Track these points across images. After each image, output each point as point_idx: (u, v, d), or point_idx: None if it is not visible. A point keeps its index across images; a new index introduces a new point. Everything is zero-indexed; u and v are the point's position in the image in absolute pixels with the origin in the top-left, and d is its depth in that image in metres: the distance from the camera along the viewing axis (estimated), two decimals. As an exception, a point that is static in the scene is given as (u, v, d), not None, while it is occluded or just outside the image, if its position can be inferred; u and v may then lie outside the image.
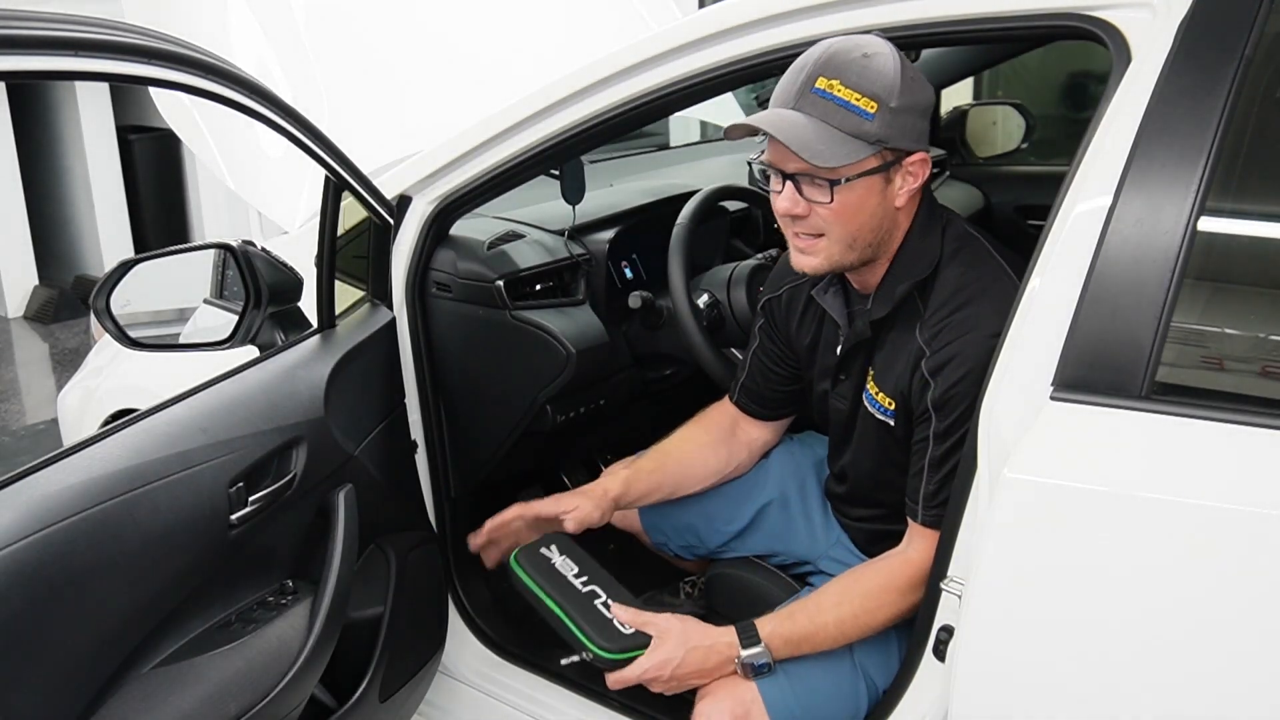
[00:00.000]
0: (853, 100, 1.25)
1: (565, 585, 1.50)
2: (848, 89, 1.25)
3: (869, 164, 1.28)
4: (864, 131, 1.26)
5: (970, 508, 1.14)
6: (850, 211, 1.31)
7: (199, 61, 1.22)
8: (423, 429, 1.76)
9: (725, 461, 1.69)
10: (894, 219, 1.36)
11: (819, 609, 1.40)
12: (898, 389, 1.39)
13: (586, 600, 1.47)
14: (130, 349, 1.54)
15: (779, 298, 1.61)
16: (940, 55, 2.70)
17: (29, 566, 1.03)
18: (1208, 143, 1.02)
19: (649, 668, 1.39)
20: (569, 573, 1.51)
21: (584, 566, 1.53)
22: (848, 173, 1.28)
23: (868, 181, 1.30)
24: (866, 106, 1.25)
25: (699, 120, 3.24)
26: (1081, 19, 1.16)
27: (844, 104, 1.25)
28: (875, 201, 1.32)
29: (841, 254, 1.35)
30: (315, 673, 1.34)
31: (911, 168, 1.32)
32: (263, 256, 1.55)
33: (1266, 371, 1.10)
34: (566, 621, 1.45)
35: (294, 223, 2.16)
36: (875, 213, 1.33)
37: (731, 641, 1.39)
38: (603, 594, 1.48)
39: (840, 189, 1.29)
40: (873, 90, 1.25)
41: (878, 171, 1.30)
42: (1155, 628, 0.99)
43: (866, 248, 1.36)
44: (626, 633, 1.43)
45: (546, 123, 1.55)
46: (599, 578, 1.51)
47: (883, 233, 1.36)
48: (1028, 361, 1.08)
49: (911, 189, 1.33)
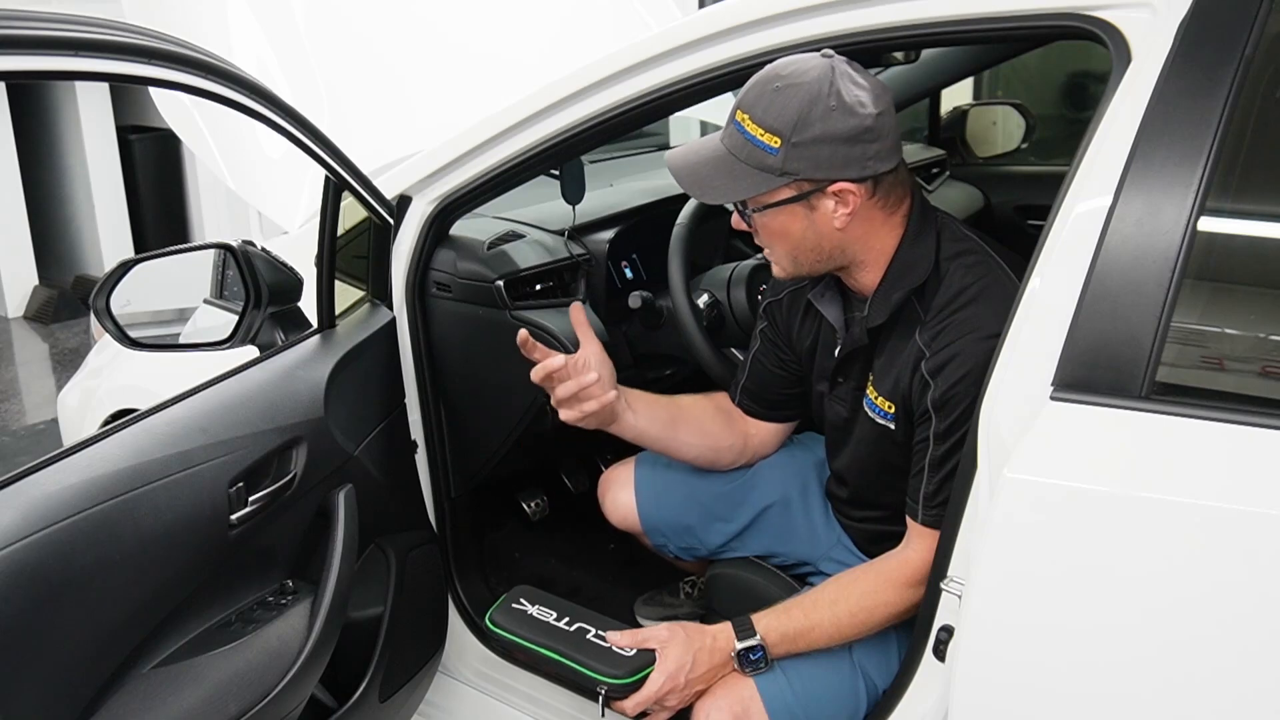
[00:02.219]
0: (758, 135, 1.29)
1: (552, 630, 1.47)
2: (754, 124, 1.29)
3: (779, 195, 1.31)
4: (767, 165, 1.29)
5: (970, 508, 1.14)
6: (778, 235, 1.36)
7: (199, 61, 1.22)
8: (423, 429, 1.76)
9: (721, 433, 1.67)
10: (842, 238, 1.35)
11: (815, 605, 1.40)
12: (897, 391, 1.39)
13: (579, 637, 1.45)
14: (130, 349, 1.54)
15: (780, 301, 1.61)
16: (940, 55, 2.69)
17: (29, 566, 1.04)
18: (1208, 143, 1.02)
19: (664, 680, 1.37)
20: (549, 619, 1.50)
21: (561, 609, 1.51)
22: (754, 204, 1.33)
23: (785, 210, 1.33)
24: (770, 141, 1.28)
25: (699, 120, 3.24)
26: (1081, 19, 1.16)
27: (751, 139, 1.30)
28: (802, 226, 1.34)
29: (792, 268, 1.41)
30: (315, 673, 1.34)
31: (839, 195, 1.31)
32: (263, 256, 1.55)
33: (1266, 371, 1.10)
34: (568, 663, 1.43)
35: (294, 223, 2.16)
36: (807, 236, 1.35)
37: (730, 636, 1.39)
38: (591, 628, 1.46)
39: (756, 216, 1.35)
40: (775, 126, 1.27)
41: (792, 201, 1.32)
42: (1155, 628, 0.99)
43: (816, 264, 1.39)
44: (629, 655, 1.41)
45: (546, 123, 1.55)
46: (579, 614, 1.50)
47: (831, 251, 1.37)
48: (1028, 361, 1.08)
49: (848, 213, 1.32)
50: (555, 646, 1.45)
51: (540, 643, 1.46)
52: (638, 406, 1.58)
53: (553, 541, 2.26)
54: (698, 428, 1.65)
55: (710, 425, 1.67)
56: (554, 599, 1.53)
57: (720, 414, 1.69)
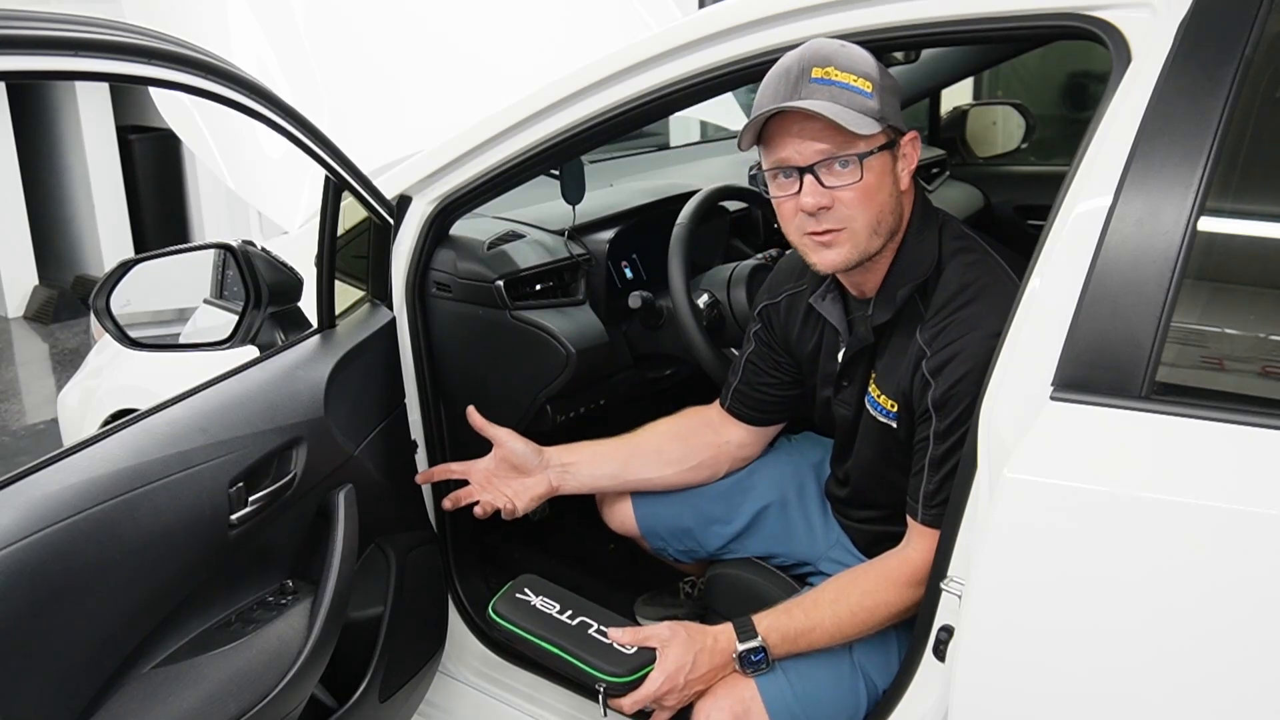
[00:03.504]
0: (852, 81, 1.28)
1: (554, 623, 1.46)
2: (843, 72, 1.28)
3: (881, 139, 1.31)
4: (869, 108, 1.28)
5: (970, 508, 1.14)
6: (873, 191, 1.32)
7: (199, 61, 1.22)
8: (423, 429, 1.76)
9: (683, 455, 1.67)
10: (901, 204, 1.37)
11: (815, 605, 1.40)
12: (899, 390, 1.39)
13: (580, 632, 1.44)
14: (130, 349, 1.54)
15: (777, 304, 1.60)
16: (940, 55, 2.70)
17: (29, 566, 1.03)
18: (1208, 143, 1.02)
19: (663, 679, 1.37)
20: (552, 610, 1.48)
21: (565, 601, 1.49)
22: (870, 145, 1.30)
23: (882, 158, 1.32)
24: (864, 86, 1.28)
25: (699, 120, 3.24)
26: (1081, 19, 1.16)
27: (846, 85, 1.28)
28: (890, 182, 1.34)
29: (867, 240, 1.34)
30: (315, 673, 1.34)
31: (906, 148, 1.35)
32: (263, 256, 1.55)
33: (1266, 371, 1.10)
34: (568, 658, 1.42)
35: (294, 223, 2.16)
36: (892, 193, 1.35)
37: (731, 637, 1.39)
38: (593, 622, 1.45)
39: (867, 163, 1.30)
40: (864, 71, 1.29)
41: (887, 148, 1.32)
42: (1155, 628, 0.99)
43: (888, 233, 1.36)
44: (630, 653, 1.40)
45: (546, 123, 1.55)
46: (583, 608, 1.48)
47: (896, 219, 1.37)
48: (1028, 361, 1.08)
49: (910, 169, 1.36)
50: (556, 641, 1.44)
51: (541, 635, 1.45)
52: (579, 467, 1.63)
53: (553, 541, 2.26)
54: (656, 459, 1.67)
55: (671, 451, 1.67)
56: (558, 590, 1.52)
57: (681, 436, 1.69)
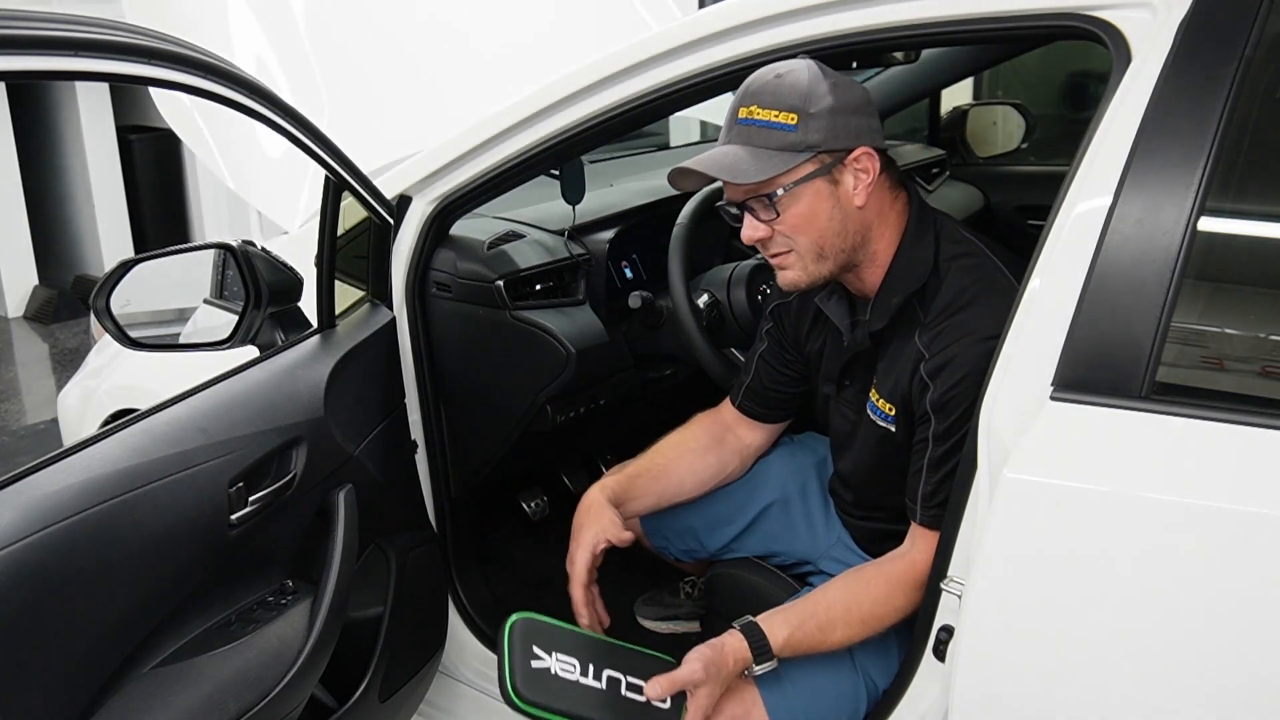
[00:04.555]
0: (771, 118, 1.31)
1: (585, 694, 1.35)
2: (765, 109, 1.31)
3: (803, 170, 1.32)
4: (789, 143, 1.30)
5: (970, 508, 1.14)
6: (804, 221, 1.35)
7: (199, 61, 1.22)
8: (423, 429, 1.76)
9: (717, 470, 1.68)
10: (862, 219, 1.37)
11: (829, 617, 1.37)
12: (898, 393, 1.39)
13: (614, 697, 1.35)
14: (130, 349, 1.54)
15: (789, 303, 1.61)
16: (940, 55, 2.70)
17: (30, 566, 1.03)
18: (1208, 143, 1.02)
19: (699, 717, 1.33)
20: (573, 674, 1.36)
21: (578, 655, 1.37)
22: (782, 183, 1.32)
23: (811, 187, 1.33)
24: (786, 120, 1.30)
25: (699, 120, 3.24)
26: (1081, 19, 1.16)
27: (764, 124, 1.31)
28: (828, 206, 1.34)
29: (816, 264, 1.38)
30: (315, 673, 1.34)
31: (858, 164, 1.34)
32: (263, 256, 1.55)
33: (1266, 371, 1.10)
34: None
35: (294, 223, 2.16)
36: (833, 216, 1.35)
37: (746, 658, 1.35)
38: (620, 676, 1.36)
39: (781, 200, 1.33)
40: (789, 104, 1.30)
41: (816, 175, 1.32)
42: (1155, 628, 0.99)
43: (840, 253, 1.38)
44: (666, 709, 1.34)
45: (546, 123, 1.55)
46: (600, 657, 1.38)
47: (853, 235, 1.37)
48: (1028, 362, 1.08)
49: (867, 184, 1.35)
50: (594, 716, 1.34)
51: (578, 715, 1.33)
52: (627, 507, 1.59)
53: (552, 541, 2.26)
54: (694, 481, 1.67)
55: (702, 472, 1.67)
56: (560, 633, 1.39)
57: (706, 449, 1.68)
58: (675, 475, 1.66)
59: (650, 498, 1.64)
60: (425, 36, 2.41)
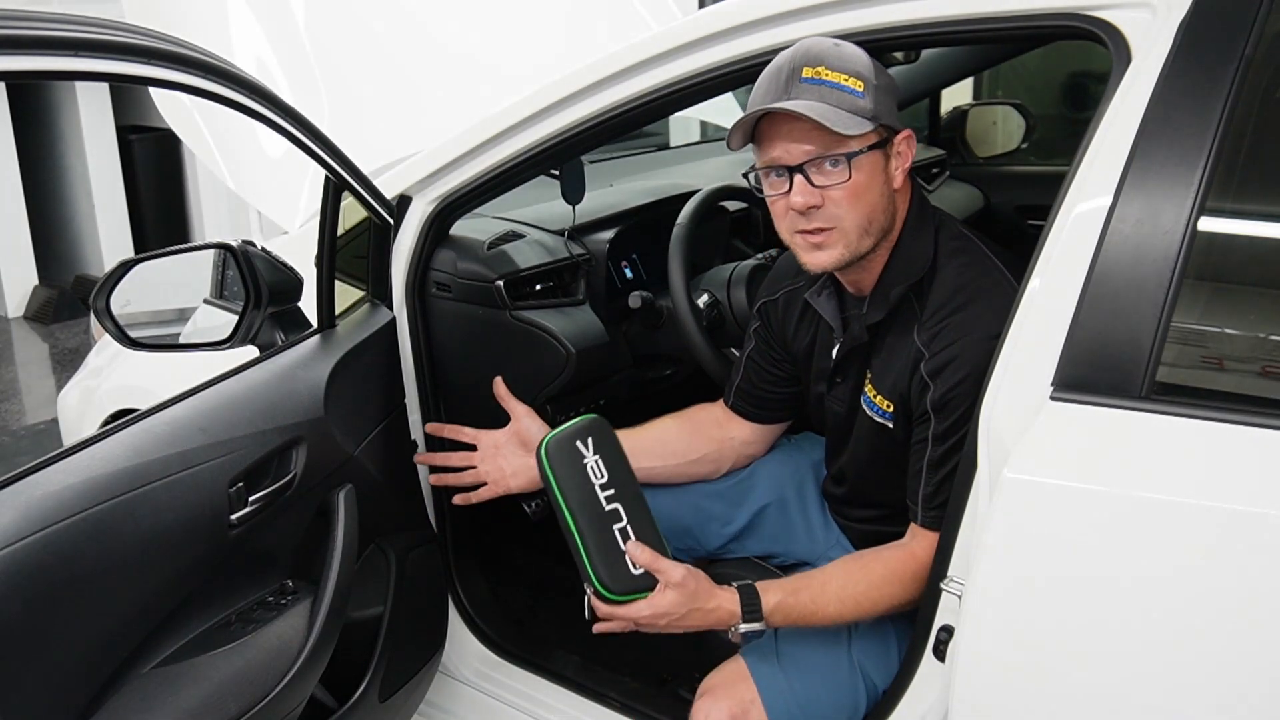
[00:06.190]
0: (842, 81, 1.28)
1: (589, 497, 1.38)
2: (834, 71, 1.28)
3: (871, 138, 1.31)
4: (860, 108, 1.28)
5: (970, 508, 1.14)
6: (863, 190, 1.32)
7: (199, 61, 1.22)
8: (422, 429, 1.76)
9: (686, 448, 1.67)
10: (894, 203, 1.37)
11: (823, 592, 1.37)
12: (896, 391, 1.39)
13: (605, 524, 1.38)
14: (130, 349, 1.54)
15: (775, 301, 1.61)
16: (940, 55, 2.70)
17: (30, 566, 1.04)
18: (1208, 143, 1.02)
19: (644, 611, 1.35)
20: (597, 480, 1.39)
21: (614, 473, 1.41)
22: (859, 144, 1.29)
23: (873, 157, 1.32)
24: (855, 85, 1.28)
25: (699, 120, 3.24)
26: (1081, 19, 1.16)
27: (836, 85, 1.28)
28: (881, 181, 1.34)
29: (858, 240, 1.34)
30: (315, 673, 1.34)
31: (900, 146, 1.35)
32: (263, 256, 1.55)
33: (1266, 371, 1.10)
34: (577, 541, 1.37)
35: (294, 223, 2.16)
36: (883, 192, 1.34)
37: (734, 611, 1.35)
38: (624, 517, 1.38)
39: (856, 162, 1.30)
40: (855, 70, 1.28)
41: (879, 147, 1.32)
42: (1155, 628, 0.99)
43: (880, 232, 1.36)
44: (635, 573, 1.36)
45: (546, 123, 1.55)
46: (625, 491, 1.40)
47: (887, 218, 1.36)
48: (1028, 362, 1.08)
49: (904, 168, 1.35)
50: (576, 518, 1.37)
51: (567, 502, 1.38)
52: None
53: (553, 541, 2.26)
54: (660, 449, 1.66)
55: (675, 444, 1.67)
56: (618, 456, 1.43)
57: (686, 430, 1.69)
58: (644, 439, 1.65)
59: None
60: (425, 37, 2.41)
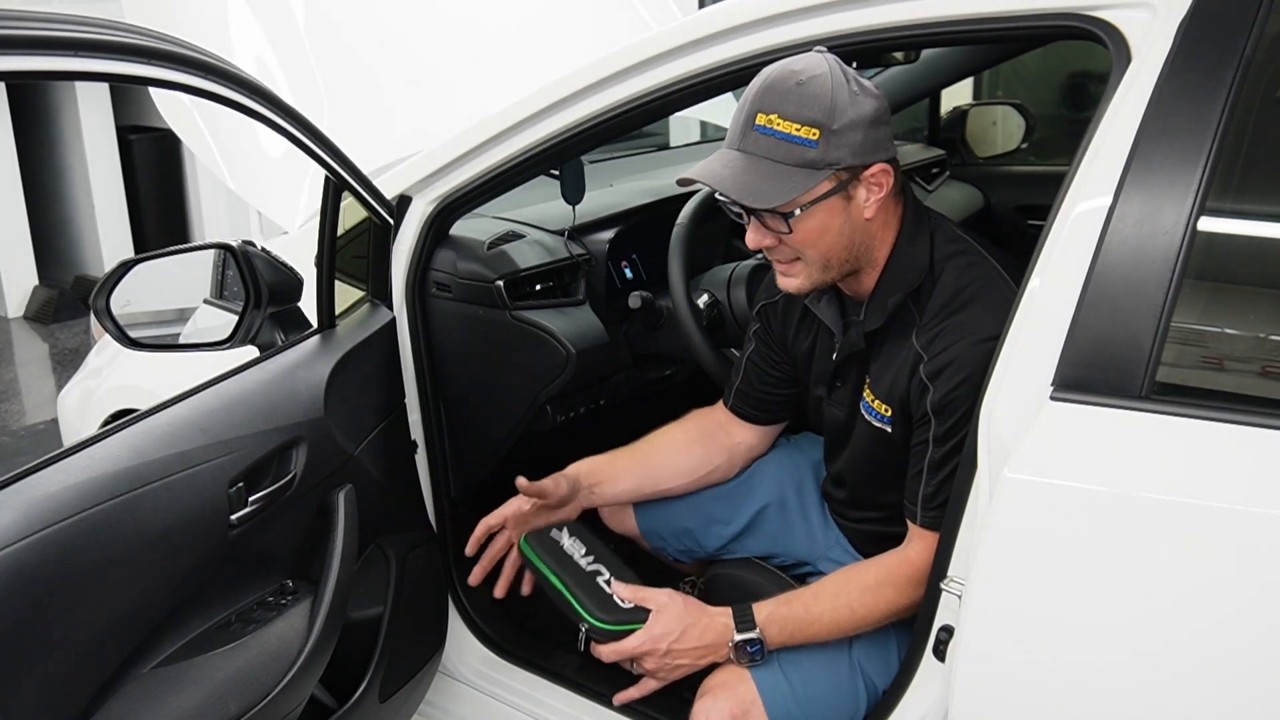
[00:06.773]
0: (793, 132, 1.25)
1: (569, 563, 1.52)
2: (787, 121, 1.25)
3: (820, 189, 1.28)
4: (809, 160, 1.25)
5: (970, 508, 1.14)
6: (814, 236, 1.32)
7: (199, 61, 1.22)
8: (423, 429, 1.76)
9: (701, 462, 1.68)
10: (868, 230, 1.35)
11: (816, 599, 1.40)
12: (895, 394, 1.39)
13: (589, 577, 1.49)
14: (130, 349, 1.54)
15: (775, 304, 1.61)
16: (940, 55, 2.70)
17: (29, 567, 1.03)
18: (1208, 143, 1.02)
19: (644, 640, 1.39)
20: (576, 554, 1.54)
21: (592, 549, 1.55)
22: (799, 203, 1.28)
23: (825, 205, 1.29)
24: (808, 135, 1.24)
25: (699, 120, 3.24)
26: (1081, 19, 1.16)
27: (785, 137, 1.25)
28: (839, 221, 1.32)
29: (820, 273, 1.37)
30: (315, 673, 1.34)
31: (873, 179, 1.31)
32: (263, 256, 1.55)
33: (1266, 371, 1.10)
34: (566, 594, 1.47)
35: (294, 223, 2.16)
36: (843, 230, 1.33)
37: (728, 624, 1.39)
38: (606, 572, 1.50)
39: (796, 220, 1.29)
40: (812, 117, 1.24)
41: (832, 194, 1.29)
42: (1155, 628, 0.99)
43: (844, 263, 1.37)
44: (625, 607, 1.44)
45: (546, 123, 1.55)
46: (605, 559, 1.53)
47: (858, 246, 1.36)
48: (1028, 362, 1.08)
49: (879, 199, 1.32)
50: (562, 577, 1.49)
51: (552, 568, 1.51)
52: (603, 488, 1.64)
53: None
54: (673, 470, 1.67)
55: (687, 461, 1.68)
56: (595, 541, 1.57)
57: (696, 443, 1.69)
58: (657, 461, 1.66)
59: (630, 480, 1.66)
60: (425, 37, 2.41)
